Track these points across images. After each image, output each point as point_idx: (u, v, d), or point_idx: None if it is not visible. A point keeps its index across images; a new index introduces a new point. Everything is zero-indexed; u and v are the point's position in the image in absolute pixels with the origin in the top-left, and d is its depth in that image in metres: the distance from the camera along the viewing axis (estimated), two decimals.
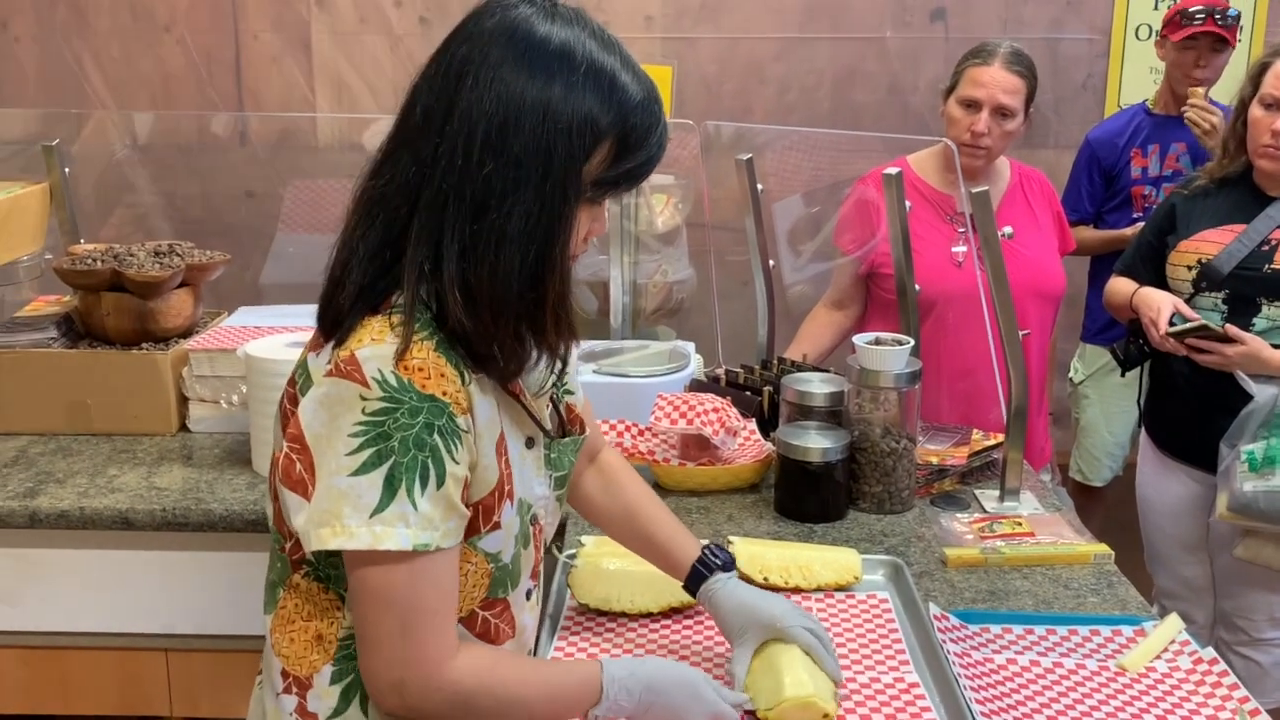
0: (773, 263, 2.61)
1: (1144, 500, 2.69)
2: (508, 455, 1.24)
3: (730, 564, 1.51)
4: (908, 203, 2.30)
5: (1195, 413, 2.46)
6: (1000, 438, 2.18)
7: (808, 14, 4.42)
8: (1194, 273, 2.41)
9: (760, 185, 2.52)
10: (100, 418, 2.32)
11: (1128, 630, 1.61)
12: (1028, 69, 2.55)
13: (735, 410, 2.15)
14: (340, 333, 1.18)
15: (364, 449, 1.12)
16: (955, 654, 1.48)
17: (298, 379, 1.22)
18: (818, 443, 1.97)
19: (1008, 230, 2.06)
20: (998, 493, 2.10)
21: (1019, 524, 1.96)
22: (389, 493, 1.12)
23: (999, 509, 2.05)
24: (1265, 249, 2.35)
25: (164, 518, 2.01)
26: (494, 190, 1.12)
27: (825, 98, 4.48)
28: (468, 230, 1.13)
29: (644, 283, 2.93)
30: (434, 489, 1.13)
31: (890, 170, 2.27)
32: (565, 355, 1.28)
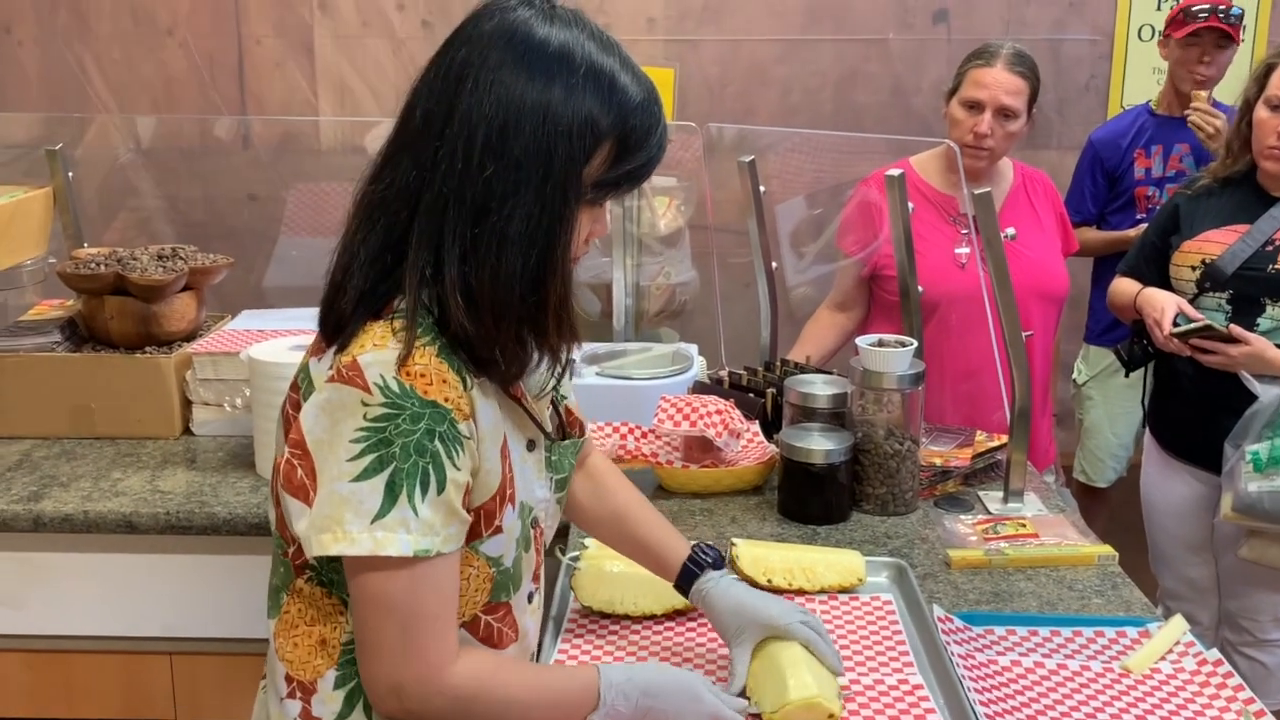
0: (775, 265, 2.61)
1: (1148, 501, 2.68)
2: (510, 458, 1.24)
3: (720, 562, 1.50)
4: (910, 204, 2.30)
5: (1200, 413, 2.46)
6: (1004, 439, 2.17)
7: (810, 16, 4.42)
8: (1198, 273, 2.40)
9: (763, 187, 2.52)
10: (104, 421, 2.32)
11: (1132, 631, 1.61)
12: (1030, 70, 2.55)
13: (738, 412, 2.15)
14: (342, 338, 1.18)
15: (365, 455, 1.11)
16: (959, 656, 1.48)
17: (300, 384, 1.22)
18: (821, 444, 1.97)
19: (1011, 231, 2.06)
20: (1001, 494, 2.09)
21: (1023, 525, 1.95)
22: (390, 498, 1.12)
23: (1003, 510, 2.05)
24: (1269, 249, 2.35)
25: (167, 521, 2.01)
26: (494, 193, 1.12)
27: (828, 99, 4.48)
28: (468, 233, 1.13)
29: (647, 285, 2.93)
30: (435, 495, 1.13)
31: (893, 172, 2.27)
32: (567, 358, 1.28)
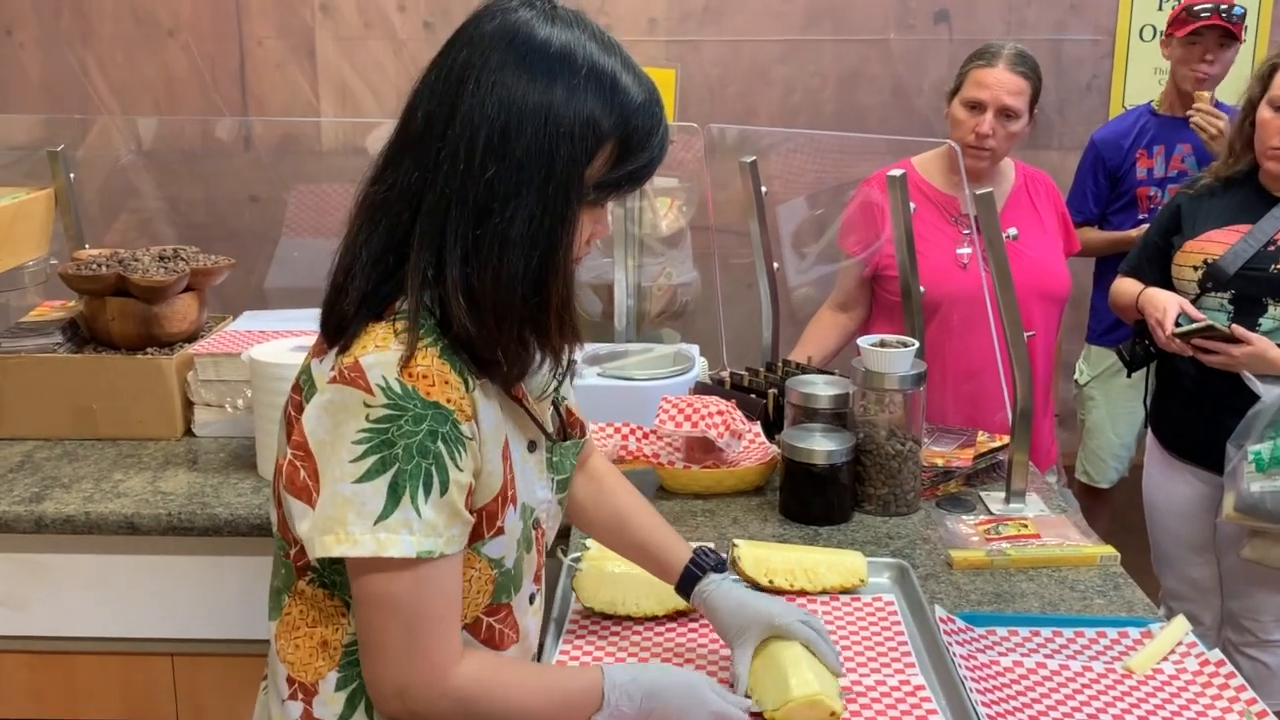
0: (777, 265, 2.60)
1: (1151, 501, 2.68)
2: (511, 460, 1.24)
3: (722, 565, 1.50)
4: (912, 204, 2.30)
5: (1202, 413, 2.46)
6: (1006, 439, 2.17)
7: (811, 16, 4.42)
8: (1200, 273, 2.40)
9: (764, 188, 2.52)
10: (105, 422, 2.32)
11: (1134, 632, 1.61)
12: (1032, 70, 2.55)
13: (740, 413, 2.15)
14: (344, 339, 1.18)
15: (368, 456, 1.11)
16: (961, 656, 1.48)
17: (302, 386, 1.22)
18: (823, 445, 1.97)
19: (1012, 232, 2.06)
20: (1003, 494, 2.09)
21: (1025, 526, 1.95)
22: (393, 500, 1.12)
23: (1005, 511, 2.05)
24: (1271, 249, 2.35)
25: (169, 522, 2.01)
26: (496, 194, 1.12)
27: (829, 100, 4.48)
28: (470, 235, 1.13)
29: (648, 286, 2.93)
30: (437, 496, 1.13)
31: (894, 172, 2.27)
32: (569, 359, 1.28)
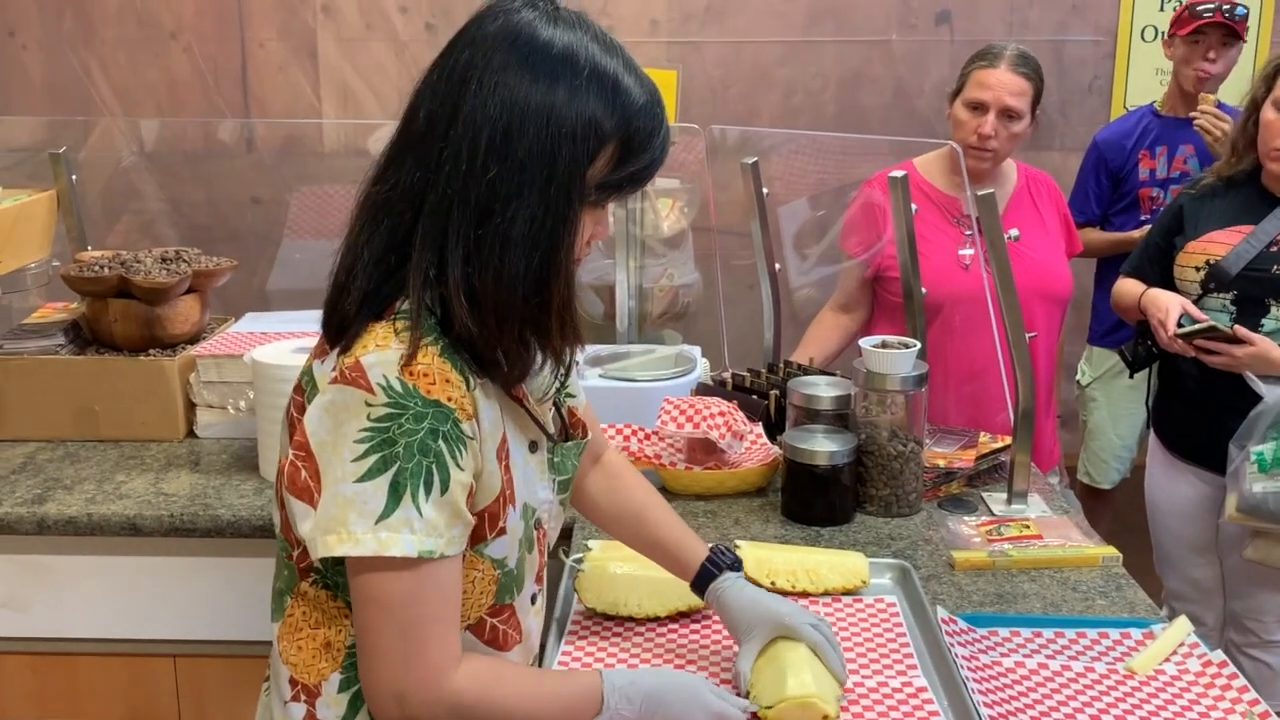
0: (778, 266, 2.61)
1: (1153, 502, 2.68)
2: (509, 460, 1.24)
3: (738, 565, 1.50)
4: (914, 205, 2.30)
5: (1204, 414, 2.46)
6: (1008, 440, 2.17)
7: (812, 17, 4.42)
8: (1202, 274, 2.40)
9: (766, 189, 2.52)
10: (108, 424, 2.32)
11: (1136, 633, 1.61)
12: (1034, 71, 2.55)
13: (742, 414, 2.15)
14: (345, 339, 1.18)
15: (369, 455, 1.11)
16: (963, 657, 1.48)
17: (304, 386, 1.22)
18: (824, 446, 1.97)
19: (1014, 233, 2.06)
20: (1005, 495, 2.09)
21: (1027, 527, 1.95)
22: (394, 499, 1.12)
23: (1007, 512, 2.05)
24: (1273, 250, 2.34)
25: (171, 524, 2.01)
26: (498, 195, 1.12)
27: (830, 101, 4.48)
28: (472, 235, 1.13)
29: (650, 287, 2.93)
30: (438, 495, 1.13)
31: (896, 173, 2.27)
32: (570, 360, 1.28)
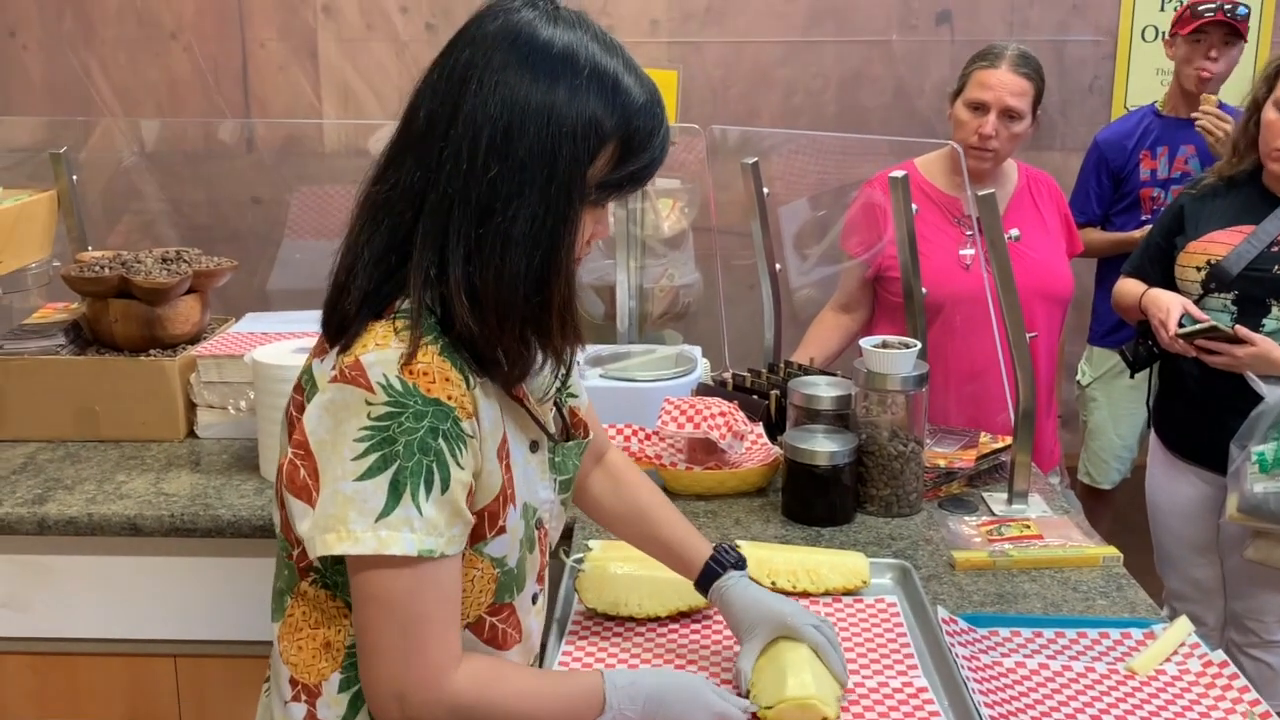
0: (779, 266, 2.60)
1: (1154, 502, 2.68)
2: (509, 460, 1.24)
3: (742, 563, 1.50)
4: (914, 206, 2.30)
5: (1205, 414, 2.46)
6: (1008, 440, 2.17)
7: (813, 17, 4.42)
8: (1203, 274, 2.40)
9: (766, 189, 2.52)
10: (108, 424, 2.32)
11: (1137, 633, 1.61)
12: (1035, 71, 2.55)
13: (742, 414, 2.15)
14: (345, 338, 1.18)
15: (369, 454, 1.11)
16: (964, 658, 1.47)
17: (304, 386, 1.22)
18: (825, 446, 1.97)
19: (1015, 233, 2.05)
20: (1006, 495, 2.09)
21: (1027, 527, 1.95)
22: (394, 497, 1.11)
23: (1007, 512, 2.05)
24: (1275, 250, 2.34)
25: (172, 524, 2.01)
26: (499, 194, 1.12)
27: (831, 101, 4.48)
28: (473, 234, 1.13)
29: (650, 287, 2.93)
30: (439, 493, 1.13)
31: (897, 173, 2.27)
32: (570, 360, 1.28)
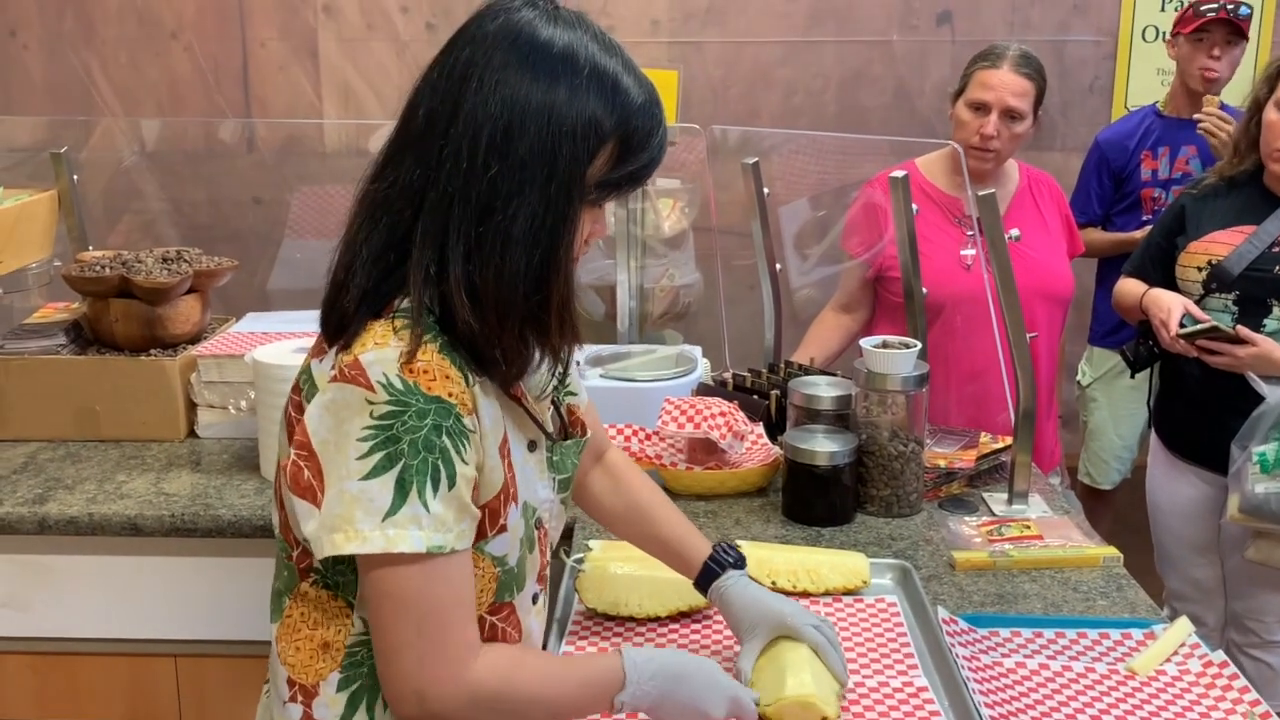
0: (779, 267, 2.60)
1: (1154, 502, 2.68)
2: (511, 458, 1.24)
3: (742, 562, 1.50)
4: (915, 206, 2.30)
5: (1206, 414, 2.46)
6: (1008, 441, 2.17)
7: (813, 17, 4.42)
8: (1204, 274, 2.40)
9: (767, 189, 2.52)
10: (109, 424, 2.32)
11: (1137, 633, 1.61)
12: (1036, 71, 2.55)
13: (742, 414, 2.15)
14: (344, 337, 1.18)
15: (374, 453, 1.11)
16: (964, 658, 1.47)
17: (302, 386, 1.22)
18: (825, 446, 1.97)
19: (1015, 233, 2.06)
20: (1006, 496, 2.09)
21: (1027, 527, 1.95)
22: (400, 495, 1.11)
23: (1007, 512, 2.05)
24: (1276, 250, 2.34)
25: (172, 524, 2.01)
26: (499, 193, 1.12)
27: (831, 101, 4.48)
28: (473, 233, 1.13)
29: (650, 287, 2.93)
30: (445, 490, 1.13)
31: (897, 173, 2.27)
32: (568, 358, 1.28)
